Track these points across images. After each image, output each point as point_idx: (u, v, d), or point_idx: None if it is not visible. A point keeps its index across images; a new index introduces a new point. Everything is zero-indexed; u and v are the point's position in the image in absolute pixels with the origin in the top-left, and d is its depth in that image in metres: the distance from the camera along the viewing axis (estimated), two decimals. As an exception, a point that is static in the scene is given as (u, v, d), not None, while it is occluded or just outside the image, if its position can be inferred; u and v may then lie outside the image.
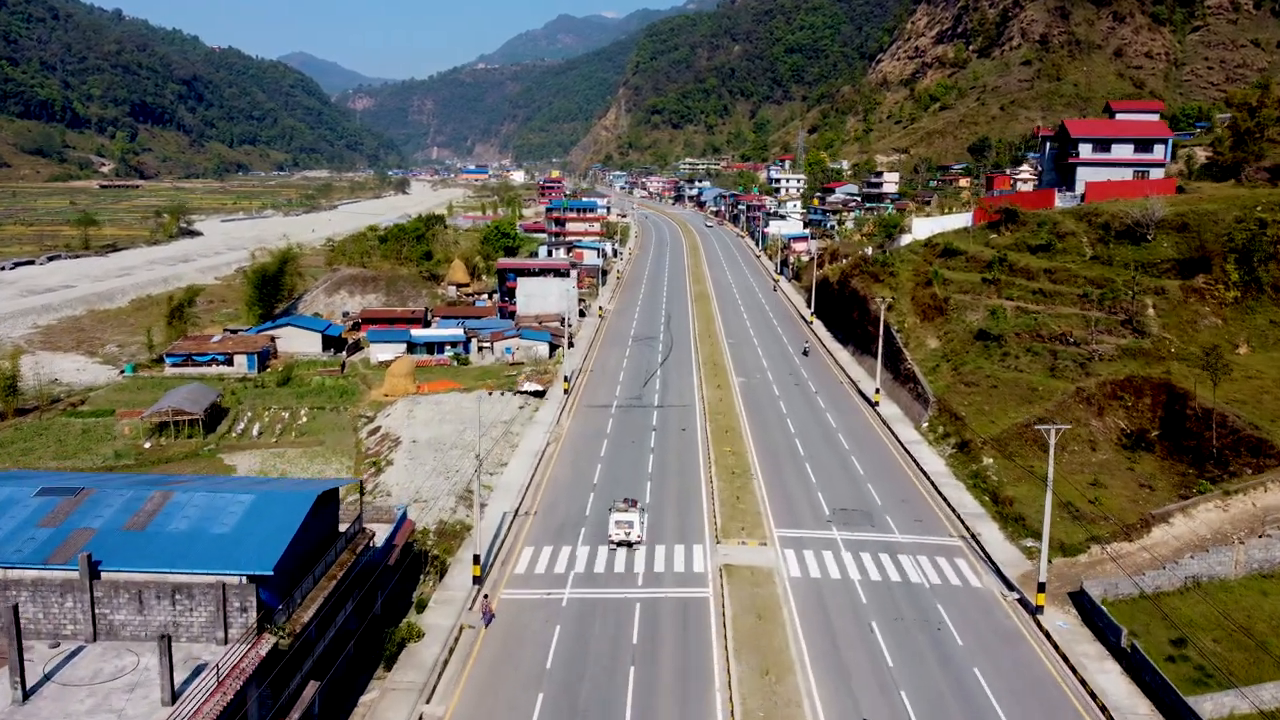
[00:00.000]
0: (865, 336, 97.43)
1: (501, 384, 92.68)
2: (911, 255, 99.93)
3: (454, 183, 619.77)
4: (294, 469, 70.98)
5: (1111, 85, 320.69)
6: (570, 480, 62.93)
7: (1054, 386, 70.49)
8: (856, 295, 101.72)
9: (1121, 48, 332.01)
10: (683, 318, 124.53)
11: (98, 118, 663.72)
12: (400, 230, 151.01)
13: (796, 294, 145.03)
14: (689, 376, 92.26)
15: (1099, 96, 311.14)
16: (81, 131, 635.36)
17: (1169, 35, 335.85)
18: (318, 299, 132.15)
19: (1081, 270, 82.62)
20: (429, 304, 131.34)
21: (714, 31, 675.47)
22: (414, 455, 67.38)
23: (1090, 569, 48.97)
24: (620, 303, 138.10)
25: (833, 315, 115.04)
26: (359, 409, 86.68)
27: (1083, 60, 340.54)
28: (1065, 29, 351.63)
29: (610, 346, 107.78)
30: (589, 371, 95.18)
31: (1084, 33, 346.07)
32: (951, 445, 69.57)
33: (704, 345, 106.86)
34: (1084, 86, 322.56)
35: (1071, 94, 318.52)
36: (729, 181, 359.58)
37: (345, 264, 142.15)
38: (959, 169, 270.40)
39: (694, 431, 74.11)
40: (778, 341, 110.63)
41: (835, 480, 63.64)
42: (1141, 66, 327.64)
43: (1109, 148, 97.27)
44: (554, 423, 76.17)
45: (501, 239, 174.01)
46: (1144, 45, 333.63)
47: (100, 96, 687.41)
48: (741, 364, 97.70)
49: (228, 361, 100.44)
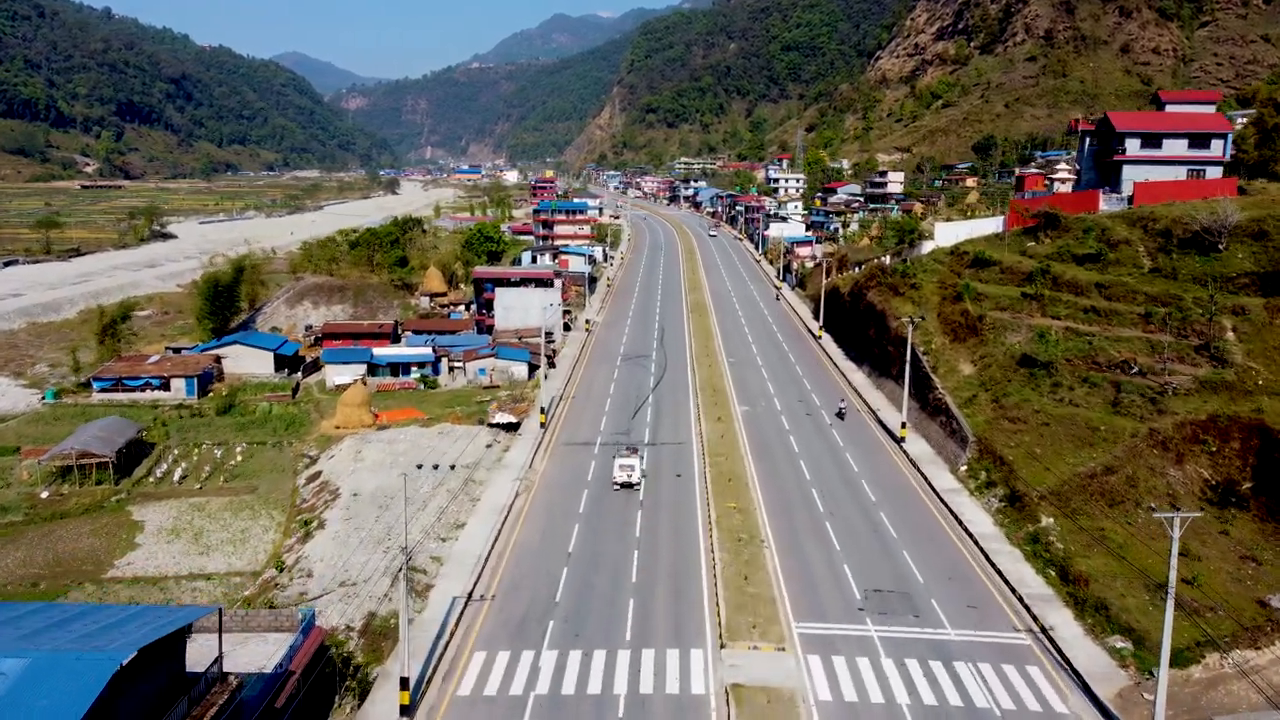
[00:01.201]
0: (884, 358, 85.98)
1: (472, 412, 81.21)
2: (936, 265, 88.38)
3: (446, 183, 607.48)
4: (213, 525, 59.46)
5: (1119, 82, 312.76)
6: (539, 549, 51.35)
7: (1118, 426, 59.08)
8: (873, 310, 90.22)
9: (1128, 43, 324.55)
10: (678, 332, 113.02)
11: (83, 117, 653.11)
12: (372, 235, 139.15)
13: (801, 303, 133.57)
14: (685, 405, 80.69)
15: (1106, 93, 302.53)
16: (66, 131, 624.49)
17: (1177, 31, 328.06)
18: (278, 311, 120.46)
19: (1141, 285, 71.18)
20: (401, 316, 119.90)
21: (709, 29, 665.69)
22: (352, 514, 55.80)
23: (1211, 689, 37.51)
24: (610, 314, 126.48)
25: (844, 330, 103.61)
26: (305, 444, 75.15)
27: (1089, 56, 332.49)
28: (1070, 24, 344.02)
29: (597, 366, 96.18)
30: (571, 399, 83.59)
31: (1089, 28, 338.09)
32: (998, 497, 58.12)
33: (701, 365, 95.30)
34: (1090, 83, 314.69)
35: (1078, 91, 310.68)
36: (725, 181, 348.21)
37: (310, 271, 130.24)
38: (964, 168, 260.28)
39: (691, 478, 62.61)
40: (784, 360, 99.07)
41: (864, 547, 52.16)
42: (1149, 63, 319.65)
43: (1159, 143, 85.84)
44: (526, 466, 64.63)
45: (485, 243, 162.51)
46: (1151, 41, 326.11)
47: (86, 95, 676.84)
48: (744, 389, 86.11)
49: (163, 386, 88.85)
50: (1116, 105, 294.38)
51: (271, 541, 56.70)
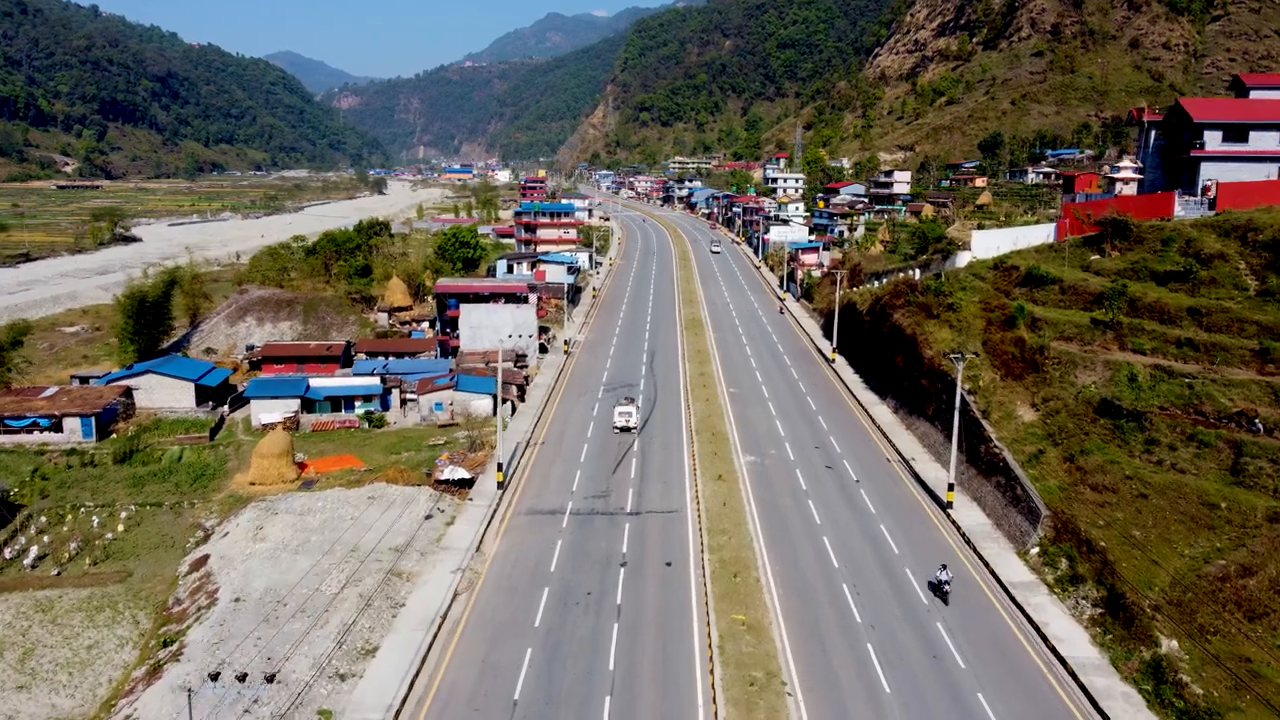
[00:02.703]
0: (917, 392, 71.68)
1: (421, 460, 66.89)
2: (977, 282, 74.08)
3: (436, 183, 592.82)
4: (54, 637, 44.95)
5: (1129, 78, 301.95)
6: (473, 695, 36.91)
7: (1245, 502, 45.00)
8: (900, 334, 75.94)
9: (1137, 38, 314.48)
10: (671, 355, 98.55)
11: (64, 115, 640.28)
12: (331, 241, 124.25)
13: (808, 318, 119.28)
14: (678, 457, 66.19)
15: (1116, 90, 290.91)
16: (46, 130, 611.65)
17: (1188, 25, 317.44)
18: (218, 329, 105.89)
19: (1249, 312, 57.03)
20: (358, 334, 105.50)
21: (704, 26, 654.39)
22: (225, 633, 41.08)
23: None
24: (594, 331, 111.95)
25: (863, 354, 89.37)
26: (206, 508, 60.64)
27: (1097, 52, 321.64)
28: (1078, 18, 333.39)
29: (574, 400, 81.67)
30: (539, 445, 69.09)
31: (1097, 22, 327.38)
32: (1091, 601, 43.89)
33: (697, 399, 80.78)
34: (1100, 79, 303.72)
35: (1087, 87, 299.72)
36: (721, 181, 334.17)
37: (258, 283, 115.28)
38: (971, 167, 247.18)
39: (684, 569, 48.19)
40: (793, 391, 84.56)
41: (922, 688, 37.81)
42: (1159, 58, 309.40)
43: (1245, 136, 71.66)
44: (472, 548, 50.22)
45: (460, 249, 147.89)
46: (1161, 35, 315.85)
47: (68, 93, 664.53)
48: (750, 431, 71.64)
49: (54, 426, 74.23)
50: (1128, 102, 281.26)
51: (123, 667, 42.23)
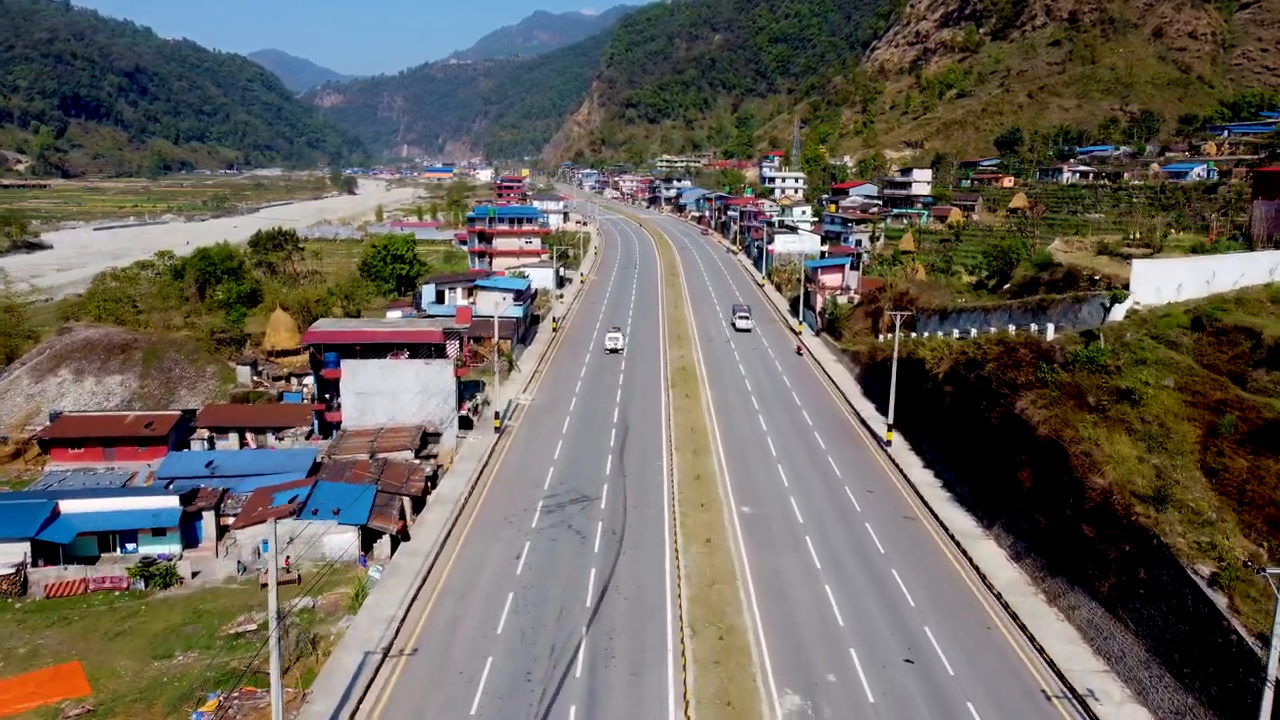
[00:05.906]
0: (1071, 540, 42.20)
1: (196, 678, 37.06)
2: (1162, 350, 44.60)
3: (414, 182, 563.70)
4: None
5: (1154, 69, 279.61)
6: None
7: None
8: (1030, 434, 46.37)
9: (1161, 27, 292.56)
10: (652, 436, 67.86)
11: (21, 110, 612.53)
12: (205, 259, 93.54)
13: (835, 362, 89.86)
14: (660, 686, 36.49)
15: (1141, 82, 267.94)
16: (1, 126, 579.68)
17: (1215, 13, 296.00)
18: (19, 386, 75.69)
19: None
20: (217, 392, 75.73)
21: (693, 21, 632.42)
22: None
23: None
24: (545, 390, 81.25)
25: (940, 438, 59.94)
26: None
27: (1118, 41, 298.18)
28: (1097, 6, 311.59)
29: (493, 534, 51.36)
30: (415, 636, 39.26)
31: (1118, 10, 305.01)
32: None
33: (695, 536, 50.80)
34: (1123, 70, 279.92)
35: (1109, 79, 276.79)
36: (711, 180, 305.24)
37: (89, 319, 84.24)
38: (990, 164, 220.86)
39: None
40: (843, 511, 54.24)
41: None
42: (1185, 48, 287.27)
43: None
44: None
45: (391, 265, 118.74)
46: (1187, 24, 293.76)
47: (26, 88, 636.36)
48: (786, 621, 41.70)
49: None
50: (1154, 95, 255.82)
51: None
